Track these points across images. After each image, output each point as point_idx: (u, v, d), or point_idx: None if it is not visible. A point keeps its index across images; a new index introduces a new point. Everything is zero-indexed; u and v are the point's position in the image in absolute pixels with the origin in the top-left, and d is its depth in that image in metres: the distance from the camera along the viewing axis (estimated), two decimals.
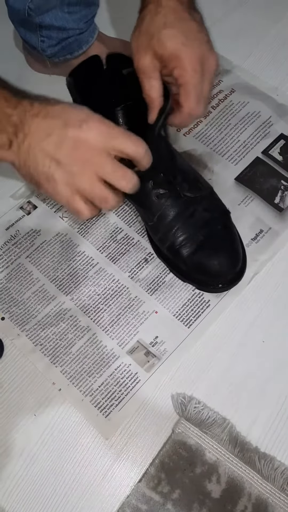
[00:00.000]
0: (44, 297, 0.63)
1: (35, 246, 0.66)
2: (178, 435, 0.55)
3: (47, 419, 0.57)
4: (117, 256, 0.65)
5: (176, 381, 0.58)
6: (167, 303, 0.62)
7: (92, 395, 0.58)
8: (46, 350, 0.60)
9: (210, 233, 0.60)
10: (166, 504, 0.52)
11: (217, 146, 0.72)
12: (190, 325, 0.61)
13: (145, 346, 0.60)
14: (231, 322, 0.61)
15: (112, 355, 0.60)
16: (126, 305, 0.62)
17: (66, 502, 0.53)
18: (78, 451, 0.55)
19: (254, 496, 0.52)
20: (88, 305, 0.62)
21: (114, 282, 0.64)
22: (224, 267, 0.60)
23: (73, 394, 0.58)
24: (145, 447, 0.55)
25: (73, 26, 0.66)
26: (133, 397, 0.58)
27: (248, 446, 0.55)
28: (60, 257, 0.65)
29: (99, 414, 0.57)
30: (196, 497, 0.52)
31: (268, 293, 0.63)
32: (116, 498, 0.53)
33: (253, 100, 0.75)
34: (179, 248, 0.60)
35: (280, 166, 0.70)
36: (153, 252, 0.65)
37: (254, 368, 0.59)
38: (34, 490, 0.54)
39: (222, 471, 0.53)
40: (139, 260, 0.65)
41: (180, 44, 0.49)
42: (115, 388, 0.58)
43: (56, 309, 0.62)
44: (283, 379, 0.58)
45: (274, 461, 0.54)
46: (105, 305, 0.62)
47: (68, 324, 0.61)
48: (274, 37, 0.83)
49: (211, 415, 0.56)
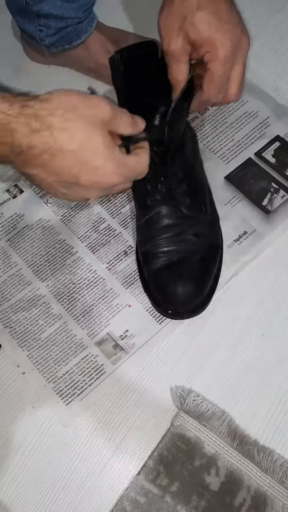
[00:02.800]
0: (20, 281, 0.63)
1: (17, 230, 0.66)
2: (177, 428, 0.54)
3: (46, 411, 0.57)
4: (97, 246, 0.65)
5: (176, 374, 0.58)
6: (142, 298, 0.62)
7: (55, 382, 0.58)
8: (15, 333, 0.60)
9: (185, 259, 0.57)
10: (164, 497, 0.52)
11: (210, 143, 0.71)
12: (162, 322, 0.60)
13: (114, 339, 0.60)
14: (230, 316, 0.61)
15: (81, 344, 0.60)
16: (100, 296, 0.62)
17: (65, 494, 0.53)
18: (77, 443, 0.55)
19: (253, 488, 0.52)
20: (62, 293, 0.62)
21: (91, 272, 0.64)
22: (180, 296, 0.57)
23: (36, 379, 0.58)
24: (144, 440, 0.55)
25: (71, 15, 0.66)
26: (96, 388, 0.57)
27: (247, 439, 0.54)
28: (40, 243, 0.65)
29: (60, 401, 0.57)
30: (194, 489, 0.52)
31: (263, 289, 0.62)
32: (114, 491, 0.53)
33: (252, 99, 0.73)
34: (151, 257, 0.58)
35: (272, 169, 0.68)
36: (133, 245, 0.65)
37: (254, 362, 0.58)
38: (33, 483, 0.54)
39: (221, 464, 0.53)
40: (118, 252, 0.65)
41: (214, 29, 0.47)
42: (79, 378, 0.58)
43: (31, 294, 0.63)
44: (282, 372, 0.58)
45: (273, 454, 0.53)
46: (80, 294, 0.62)
47: (40, 310, 0.62)
48: (275, 29, 0.80)
49: (210, 408, 0.55)
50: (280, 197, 0.66)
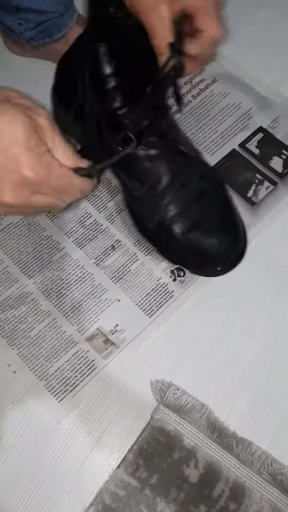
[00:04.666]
0: (6, 279, 0.62)
1: (1, 227, 0.65)
2: (157, 421, 0.54)
3: (25, 406, 0.56)
4: (84, 241, 0.65)
5: (156, 367, 0.58)
6: (131, 292, 0.62)
7: (47, 379, 0.57)
8: (4, 332, 0.59)
9: (206, 206, 0.52)
10: (144, 489, 0.52)
11: (195, 135, 0.71)
12: (152, 315, 0.60)
13: (105, 334, 0.60)
14: (210, 309, 0.61)
15: (71, 341, 0.59)
16: (89, 292, 0.62)
17: (44, 489, 0.53)
18: (57, 438, 0.55)
19: (231, 480, 0.52)
20: (50, 289, 0.62)
21: (78, 268, 0.63)
22: (223, 246, 0.52)
23: (28, 377, 0.57)
24: (124, 433, 0.55)
25: (51, 9, 0.65)
26: (88, 383, 0.57)
27: (226, 431, 0.55)
28: (26, 240, 0.65)
29: (52, 398, 0.56)
30: (174, 482, 0.52)
31: (244, 282, 0.62)
32: (94, 485, 0.53)
33: (234, 91, 0.73)
34: (170, 224, 0.51)
35: (256, 160, 0.69)
36: (120, 239, 0.64)
37: (234, 355, 0.58)
38: (12, 478, 0.53)
39: (200, 456, 0.53)
40: (106, 247, 0.64)
41: None
42: (71, 374, 0.58)
43: (18, 291, 0.62)
44: (262, 365, 0.58)
45: (251, 446, 0.54)
46: (68, 290, 0.62)
47: (29, 307, 0.61)
48: (258, 22, 0.80)
49: (190, 401, 0.55)
50: (265, 188, 0.67)
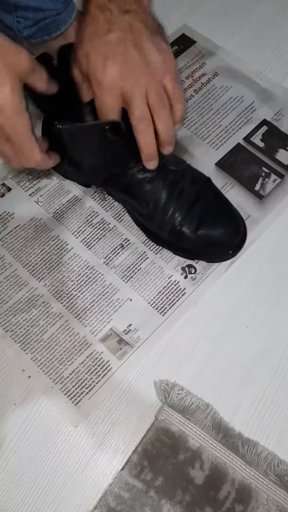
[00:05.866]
0: (16, 282, 0.61)
1: (8, 230, 0.64)
2: (161, 422, 0.54)
3: (28, 408, 0.55)
4: (92, 241, 0.64)
5: (159, 368, 0.57)
6: (142, 291, 0.61)
7: (62, 382, 0.56)
8: (17, 336, 0.59)
9: (205, 205, 0.59)
10: (149, 492, 0.51)
11: (198, 130, 0.70)
12: (165, 313, 0.60)
13: (118, 334, 0.59)
14: (214, 308, 0.60)
15: (84, 342, 0.59)
16: (100, 292, 0.61)
17: (48, 492, 0.52)
18: (60, 440, 0.54)
19: (237, 481, 0.52)
20: (61, 291, 0.61)
21: (88, 269, 0.62)
22: (230, 233, 0.60)
23: (43, 382, 0.56)
24: (128, 434, 0.54)
25: (49, 7, 0.64)
26: (104, 385, 0.57)
27: (232, 432, 0.54)
28: (33, 242, 0.64)
29: (69, 402, 0.56)
30: (179, 483, 0.52)
31: (250, 279, 0.62)
32: (98, 487, 0.52)
33: (236, 84, 0.73)
34: (180, 228, 0.59)
35: (262, 153, 0.68)
36: (129, 238, 0.64)
37: (238, 354, 0.58)
38: (15, 481, 0.52)
39: (206, 457, 0.52)
40: (115, 246, 0.64)
41: (100, 66, 0.45)
42: (86, 376, 0.57)
43: (28, 295, 0.61)
44: (266, 364, 0.57)
45: (257, 446, 0.53)
46: (79, 291, 0.61)
47: (40, 310, 0.60)
48: (258, 17, 0.80)
49: (194, 402, 0.55)
50: (272, 181, 0.66)
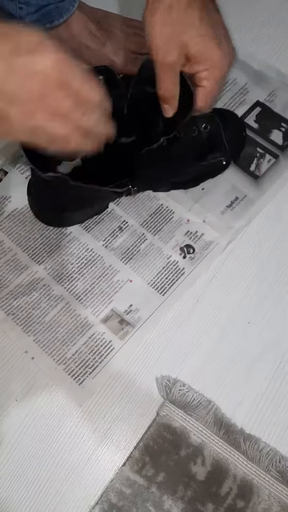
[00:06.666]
0: (16, 266, 0.62)
1: (6, 214, 0.64)
2: (163, 418, 0.54)
3: (29, 403, 0.55)
4: (91, 224, 0.64)
5: (161, 364, 0.58)
6: (142, 272, 0.62)
7: (65, 363, 0.57)
8: (19, 319, 0.59)
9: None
10: (150, 488, 0.51)
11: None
12: (165, 293, 0.61)
13: (120, 314, 0.60)
14: (216, 305, 0.61)
15: (86, 323, 0.59)
16: (101, 274, 0.62)
17: (49, 487, 0.52)
18: (61, 435, 0.54)
19: (239, 477, 0.52)
20: (61, 274, 0.61)
21: (87, 251, 0.63)
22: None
23: (46, 363, 0.57)
24: (129, 430, 0.54)
25: None
26: (107, 364, 0.57)
27: (233, 428, 0.54)
28: (32, 226, 0.64)
29: (73, 381, 0.56)
30: (181, 479, 0.52)
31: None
32: (99, 482, 0.52)
33: None
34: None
35: (256, 134, 0.69)
36: (127, 220, 0.64)
37: (240, 350, 0.58)
38: (16, 476, 0.53)
39: (207, 453, 0.53)
40: (113, 228, 0.64)
41: (215, 47, 0.47)
42: (89, 356, 0.58)
43: (29, 278, 0.61)
44: (268, 360, 0.58)
45: (259, 443, 0.54)
46: (79, 274, 0.62)
47: (41, 293, 0.60)
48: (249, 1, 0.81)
49: (196, 398, 0.55)
50: (267, 161, 0.67)
